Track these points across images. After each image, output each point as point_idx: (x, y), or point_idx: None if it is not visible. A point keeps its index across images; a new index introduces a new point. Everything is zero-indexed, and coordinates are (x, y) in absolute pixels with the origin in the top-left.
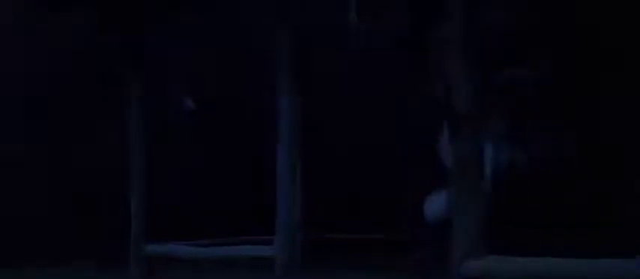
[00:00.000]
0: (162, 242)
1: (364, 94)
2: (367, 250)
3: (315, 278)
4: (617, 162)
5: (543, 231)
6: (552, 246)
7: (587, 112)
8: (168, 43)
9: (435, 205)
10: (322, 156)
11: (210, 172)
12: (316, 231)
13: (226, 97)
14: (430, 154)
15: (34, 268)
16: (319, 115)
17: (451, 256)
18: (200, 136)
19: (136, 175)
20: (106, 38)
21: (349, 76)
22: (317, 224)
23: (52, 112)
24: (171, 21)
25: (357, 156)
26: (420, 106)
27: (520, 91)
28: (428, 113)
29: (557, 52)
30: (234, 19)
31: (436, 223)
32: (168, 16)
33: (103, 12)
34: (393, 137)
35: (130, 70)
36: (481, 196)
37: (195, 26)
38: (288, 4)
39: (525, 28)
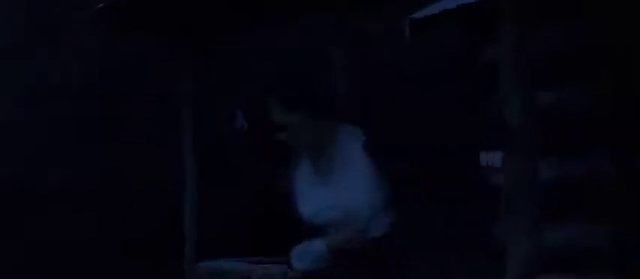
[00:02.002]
0: (215, 259)
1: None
2: None
3: None
4: None
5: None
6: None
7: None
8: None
9: (303, 256)
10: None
11: (260, 188)
12: None
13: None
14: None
15: None
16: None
17: None
18: (251, 152)
19: (189, 192)
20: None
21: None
22: None
23: (105, 133)
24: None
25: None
26: (473, 126)
27: (572, 109)
28: (480, 133)
29: (609, 71)
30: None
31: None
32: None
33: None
34: (445, 159)
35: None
36: (536, 220)
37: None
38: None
39: (578, 46)
